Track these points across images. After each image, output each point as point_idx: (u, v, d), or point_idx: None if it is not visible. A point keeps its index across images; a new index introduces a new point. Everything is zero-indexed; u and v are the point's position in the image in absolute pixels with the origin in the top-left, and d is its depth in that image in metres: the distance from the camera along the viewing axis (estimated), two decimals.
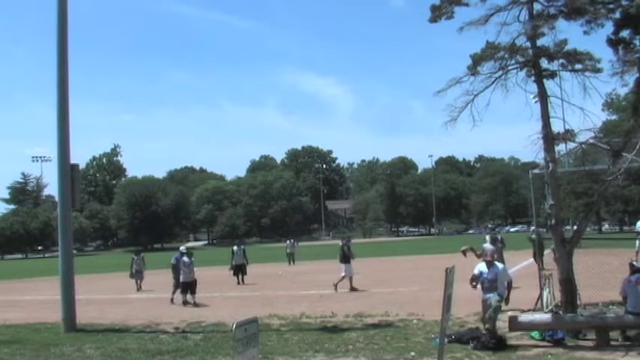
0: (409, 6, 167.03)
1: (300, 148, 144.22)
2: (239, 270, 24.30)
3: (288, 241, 38.71)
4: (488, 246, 15.25)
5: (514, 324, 10.37)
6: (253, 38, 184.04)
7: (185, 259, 18.57)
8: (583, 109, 10.80)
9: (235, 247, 25.19)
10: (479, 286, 11.00)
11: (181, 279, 18.27)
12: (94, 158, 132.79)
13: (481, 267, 10.87)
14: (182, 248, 20.38)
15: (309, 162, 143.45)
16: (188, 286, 18.08)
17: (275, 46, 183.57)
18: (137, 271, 23.94)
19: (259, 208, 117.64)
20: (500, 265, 11.10)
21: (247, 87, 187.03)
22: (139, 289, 23.50)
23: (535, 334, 10.33)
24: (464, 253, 13.52)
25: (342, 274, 19.93)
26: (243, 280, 24.06)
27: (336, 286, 19.60)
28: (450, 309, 6.85)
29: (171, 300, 18.57)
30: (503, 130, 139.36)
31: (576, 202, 58.74)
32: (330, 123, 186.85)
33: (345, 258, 20.24)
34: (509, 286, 10.73)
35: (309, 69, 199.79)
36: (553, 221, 11.22)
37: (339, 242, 22.47)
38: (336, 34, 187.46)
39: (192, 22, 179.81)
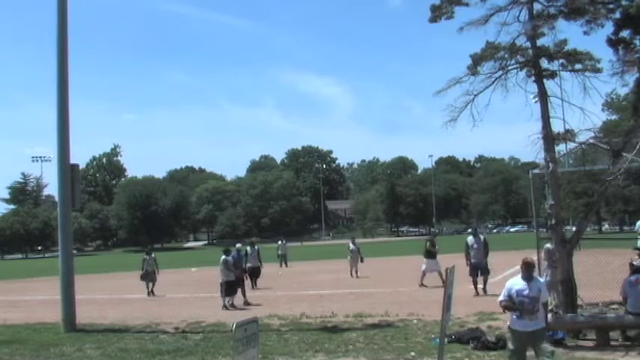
0: (407, 6, 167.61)
1: (300, 148, 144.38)
2: (253, 273, 22.00)
3: (279, 242, 35.54)
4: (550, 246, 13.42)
5: None
6: (252, 39, 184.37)
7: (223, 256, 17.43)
8: (583, 109, 10.81)
9: (248, 248, 22.59)
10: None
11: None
12: (94, 158, 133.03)
13: (515, 283, 7.46)
14: (238, 245, 19.19)
15: (309, 162, 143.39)
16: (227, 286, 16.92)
17: (274, 46, 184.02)
18: (148, 272, 21.58)
19: (259, 208, 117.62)
20: (541, 279, 8.18)
21: (246, 87, 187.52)
22: (150, 293, 21.22)
23: None
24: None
25: (423, 269, 20.03)
26: (256, 284, 22.10)
27: (422, 280, 19.86)
28: (450, 309, 6.86)
29: (245, 302, 17.22)
30: (503, 130, 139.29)
31: (576, 202, 58.73)
32: (330, 123, 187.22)
33: (430, 254, 20.32)
34: (546, 308, 7.76)
35: (307, 69, 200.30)
36: (553, 221, 11.22)
37: (426, 237, 22.05)
38: (335, 34, 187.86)
39: (191, 22, 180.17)
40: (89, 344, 11.61)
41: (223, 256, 17.40)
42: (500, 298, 7.59)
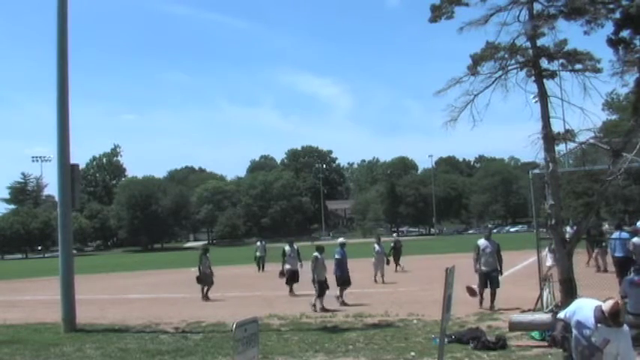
0: (405, 7, 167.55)
1: (299, 148, 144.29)
2: (294, 277, 19.18)
3: (258, 243, 31.61)
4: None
5: (514, 324, 10.37)
6: (251, 39, 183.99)
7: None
8: (583, 109, 10.85)
9: (287, 248, 19.59)
10: None
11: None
12: (94, 158, 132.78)
13: (582, 312, 5.25)
14: (340, 240, 18.13)
15: (309, 162, 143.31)
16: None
17: (272, 46, 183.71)
18: (207, 274, 19.28)
19: (259, 208, 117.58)
20: (625, 328, 5.13)
21: (245, 87, 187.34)
22: (205, 297, 18.98)
23: (535, 334, 10.32)
24: None
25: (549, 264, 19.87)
26: (292, 289, 19.13)
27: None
28: (450, 309, 6.85)
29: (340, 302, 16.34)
30: (503, 130, 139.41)
31: (576, 202, 58.74)
32: (329, 123, 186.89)
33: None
34: None
35: (305, 69, 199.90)
36: (553, 221, 11.22)
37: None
38: (333, 34, 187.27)
39: (190, 23, 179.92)
40: (89, 344, 11.60)
41: (315, 253, 16.20)
42: (560, 314, 5.53)
